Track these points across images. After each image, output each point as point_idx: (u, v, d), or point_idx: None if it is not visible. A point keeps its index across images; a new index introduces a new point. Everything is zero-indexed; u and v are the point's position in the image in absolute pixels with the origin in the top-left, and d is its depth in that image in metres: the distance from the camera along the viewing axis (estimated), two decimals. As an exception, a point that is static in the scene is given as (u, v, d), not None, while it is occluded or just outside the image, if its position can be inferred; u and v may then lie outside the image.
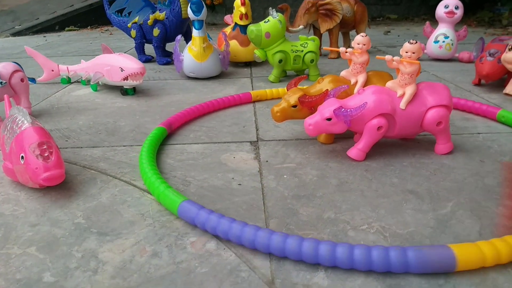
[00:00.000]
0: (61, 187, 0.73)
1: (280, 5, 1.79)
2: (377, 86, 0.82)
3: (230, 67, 1.74)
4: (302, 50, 1.45)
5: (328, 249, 0.51)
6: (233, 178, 0.76)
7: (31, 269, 0.52)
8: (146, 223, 0.62)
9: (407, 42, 0.78)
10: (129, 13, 1.82)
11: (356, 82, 0.91)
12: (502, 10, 3.04)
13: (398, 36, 2.57)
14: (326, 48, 1.00)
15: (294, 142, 0.92)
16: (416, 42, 0.77)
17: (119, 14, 1.88)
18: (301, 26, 1.78)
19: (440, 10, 1.70)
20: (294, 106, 0.87)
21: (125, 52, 2.19)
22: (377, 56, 0.82)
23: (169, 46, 1.90)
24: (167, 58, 1.83)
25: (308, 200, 0.68)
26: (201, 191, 0.71)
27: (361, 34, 0.88)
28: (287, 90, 0.91)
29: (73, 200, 0.69)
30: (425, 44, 1.78)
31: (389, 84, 0.82)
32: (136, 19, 1.81)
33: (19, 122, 0.74)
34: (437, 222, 0.61)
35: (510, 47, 1.12)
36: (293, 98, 0.87)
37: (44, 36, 3.01)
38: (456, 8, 1.68)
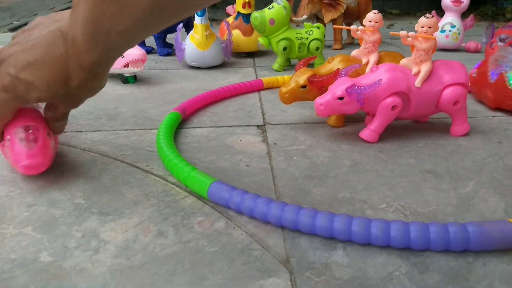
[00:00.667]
0: (59, 169, 0.69)
1: (283, -6, 1.76)
2: (391, 63, 0.78)
3: (232, 57, 1.70)
4: (307, 38, 1.41)
5: (396, 228, 0.47)
6: (240, 160, 0.72)
7: (27, 249, 0.48)
8: (150, 203, 0.58)
9: (423, 17, 0.74)
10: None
11: (368, 62, 0.87)
12: (505, 4, 3.02)
13: (402, 29, 2.53)
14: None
15: (303, 125, 0.89)
16: (433, 17, 0.73)
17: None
18: (304, 16, 1.75)
19: (446, 0, 1.67)
20: (304, 86, 0.83)
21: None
22: (391, 32, 0.79)
23: (169, 38, 1.86)
24: (168, 49, 1.79)
25: (321, 180, 0.64)
26: (208, 172, 0.67)
27: (373, 11, 0.84)
28: (296, 70, 0.88)
29: (72, 181, 0.65)
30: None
31: (404, 61, 0.78)
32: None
33: None
34: (460, 200, 0.57)
35: (523, 30, 1.09)
36: (302, 78, 0.84)
37: (43, 31, 2.98)
38: (463, -4, 1.65)
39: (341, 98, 0.75)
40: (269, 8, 1.38)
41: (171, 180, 0.65)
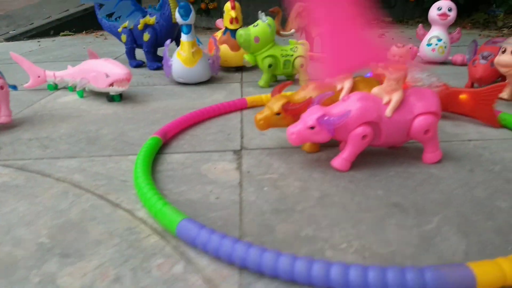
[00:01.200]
0: (31, 202, 0.70)
1: (271, 8, 1.76)
2: (362, 92, 0.79)
3: (220, 72, 1.70)
4: (292, 55, 1.41)
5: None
6: (211, 191, 0.72)
7: (-15, 295, 0.49)
8: (113, 242, 0.59)
9: (394, 46, 0.75)
10: (119, 18, 1.79)
11: (342, 88, 0.88)
12: (497, 11, 3.01)
13: (392, 39, 2.52)
14: (311, 53, 0.97)
15: (279, 150, 0.89)
16: (403, 46, 0.74)
17: (111, 18, 1.86)
18: (292, 30, 1.75)
19: (433, 13, 1.67)
20: (278, 113, 0.84)
21: (117, 57, 2.17)
22: (361, 62, 0.79)
23: (160, 51, 1.87)
24: (158, 63, 1.80)
25: (287, 215, 0.64)
26: (176, 206, 0.68)
27: (348, 39, 0.84)
28: (271, 96, 0.88)
29: (41, 216, 0.66)
30: (418, 47, 1.75)
31: (375, 90, 0.78)
32: (126, 23, 1.78)
33: None
34: (421, 239, 0.58)
35: (503, 49, 1.09)
36: (276, 105, 0.84)
37: (38, 41, 2.99)
38: (449, 10, 1.65)
39: (312, 127, 0.75)
40: (254, 25, 1.38)
41: (139, 215, 0.65)
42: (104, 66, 1.25)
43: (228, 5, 1.62)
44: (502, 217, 0.63)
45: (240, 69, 1.74)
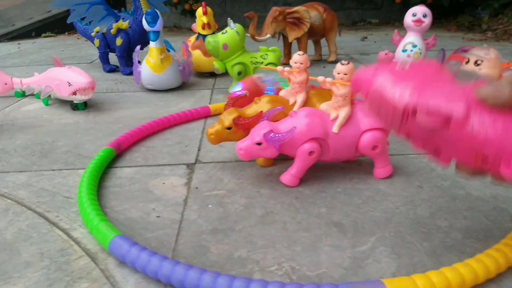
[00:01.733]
0: (-32, 220, 0.68)
1: (246, 13, 1.75)
2: (310, 108, 0.78)
3: (194, 77, 1.70)
4: (262, 62, 1.41)
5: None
6: (153, 209, 0.71)
7: None
8: (42, 264, 0.57)
9: (339, 63, 0.74)
10: (90, 22, 1.77)
11: (295, 102, 0.87)
12: (482, 14, 3.02)
13: (375, 42, 2.53)
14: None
15: (233, 164, 0.88)
16: (348, 63, 0.73)
17: (87, 21, 1.83)
18: (268, 35, 1.75)
19: (408, 19, 1.67)
20: (229, 128, 0.83)
21: (94, 61, 2.15)
22: (310, 77, 0.78)
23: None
24: (131, 68, 1.78)
25: (225, 235, 0.64)
26: (115, 225, 0.67)
27: (298, 52, 0.84)
28: (224, 110, 0.87)
29: (-25, 236, 0.64)
30: (394, 53, 1.75)
31: (323, 106, 0.78)
32: (98, 28, 1.77)
33: None
34: (353, 261, 0.57)
35: (467, 60, 1.08)
36: (227, 119, 0.83)
37: (18, 43, 2.96)
38: (424, 16, 1.64)
39: (259, 143, 0.74)
40: (222, 32, 1.37)
41: (74, 235, 0.64)
42: (67, 75, 1.24)
43: (200, 11, 1.61)
44: (439, 237, 0.62)
45: (213, 73, 1.73)
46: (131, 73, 1.77)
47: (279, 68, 0.86)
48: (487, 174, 0.47)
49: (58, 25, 3.50)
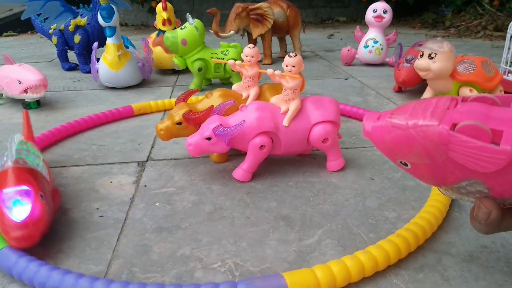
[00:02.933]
0: None
1: (209, 9, 1.73)
2: (260, 102, 0.77)
3: (155, 74, 1.66)
4: (223, 58, 1.39)
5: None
6: (97, 209, 0.68)
7: None
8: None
9: (287, 55, 0.73)
10: (46, 19, 1.71)
11: (248, 96, 0.85)
12: (445, 11, 3.09)
13: (341, 39, 2.55)
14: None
15: (186, 161, 0.86)
16: (296, 55, 0.72)
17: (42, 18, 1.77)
18: (232, 32, 1.73)
19: (369, 15, 1.69)
20: (179, 123, 0.81)
21: (54, 59, 2.08)
22: (259, 70, 0.77)
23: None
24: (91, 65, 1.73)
25: (169, 233, 0.61)
26: (55, 227, 0.63)
27: (249, 46, 0.82)
28: (175, 105, 0.85)
29: None
30: (357, 49, 1.76)
31: (273, 99, 0.76)
32: (55, 25, 1.71)
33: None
34: (298, 255, 0.56)
35: (421, 53, 1.10)
36: (177, 114, 0.81)
37: (-24, 42, 2.84)
38: (385, 12, 1.66)
39: (209, 138, 0.72)
40: (181, 28, 1.34)
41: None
42: (17, 72, 1.19)
43: (159, 6, 1.58)
44: (386, 228, 0.62)
45: (177, 71, 1.70)
46: (90, 71, 1.71)
47: (230, 61, 0.84)
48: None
49: (20, 24, 3.37)
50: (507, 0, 2.62)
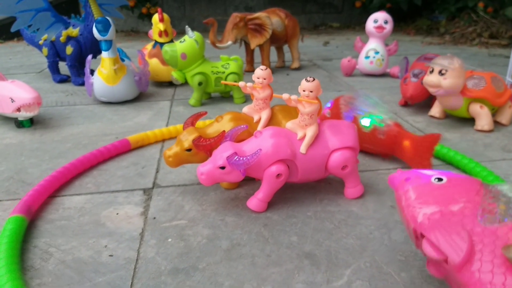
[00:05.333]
0: None
1: (205, 20, 1.69)
2: (275, 127, 0.73)
3: (152, 87, 1.61)
4: (224, 72, 1.34)
5: None
6: (106, 246, 0.64)
7: None
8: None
9: (304, 80, 0.69)
10: (37, 30, 1.65)
11: (260, 120, 0.81)
12: (439, 18, 3.09)
13: (337, 47, 2.52)
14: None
15: (195, 188, 0.82)
16: (314, 80, 0.68)
17: (33, 29, 1.70)
18: (229, 42, 1.69)
19: (369, 25, 1.66)
20: (189, 149, 0.76)
21: (44, 69, 2.01)
22: (273, 95, 0.73)
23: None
24: (83, 78, 1.67)
25: (186, 275, 0.57)
26: (61, 269, 0.59)
27: (261, 67, 0.78)
28: (183, 129, 0.80)
29: None
30: (357, 59, 1.73)
31: (289, 125, 0.72)
32: (46, 36, 1.64)
33: None
34: (329, 301, 0.52)
35: (431, 69, 1.07)
36: (187, 140, 0.76)
37: (-40, 50, 2.74)
38: (385, 22, 1.64)
39: (222, 167, 0.68)
40: (180, 41, 1.30)
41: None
42: (9, 90, 1.13)
43: (156, 17, 1.53)
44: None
45: (174, 83, 1.65)
46: (83, 84, 1.65)
47: (241, 83, 0.80)
48: None
49: (5, 31, 3.28)
50: (501, 7, 2.63)
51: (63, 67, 1.81)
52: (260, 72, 0.78)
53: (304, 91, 0.69)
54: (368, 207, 0.74)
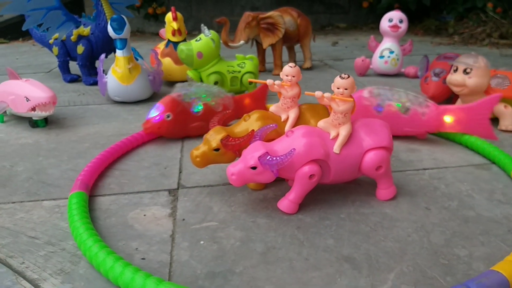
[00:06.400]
0: None
1: (218, 18, 1.67)
2: (307, 126, 0.71)
3: (164, 87, 1.59)
4: (240, 71, 1.33)
5: None
6: (136, 249, 0.62)
7: None
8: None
9: (338, 77, 0.67)
10: (48, 29, 1.62)
11: (287, 118, 0.79)
12: (447, 18, 3.07)
13: (346, 47, 2.51)
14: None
15: (221, 188, 0.80)
16: (349, 77, 0.66)
17: (44, 28, 1.68)
18: (242, 41, 1.67)
19: (384, 24, 1.64)
20: (217, 149, 0.74)
21: (53, 69, 1.99)
22: (306, 92, 0.71)
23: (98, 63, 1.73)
24: (94, 77, 1.65)
25: (224, 280, 0.55)
26: (92, 273, 0.57)
27: (290, 64, 0.76)
28: (210, 128, 0.78)
29: None
30: (371, 59, 1.72)
31: (321, 124, 0.70)
32: (57, 35, 1.62)
33: None
34: (376, 307, 0.50)
35: (455, 68, 1.05)
36: (215, 140, 0.74)
37: (-34, 50, 2.72)
38: (401, 21, 1.62)
39: (254, 167, 0.66)
40: (196, 40, 1.28)
41: (42, 287, 0.54)
42: (24, 89, 1.10)
43: (169, 16, 1.51)
44: (462, 269, 0.56)
45: (185, 82, 1.63)
46: (94, 83, 1.63)
47: (269, 81, 0.78)
48: None
49: (11, 30, 3.26)
50: (510, 7, 2.61)
51: (72, 67, 1.78)
52: (289, 69, 0.76)
53: (338, 88, 0.67)
54: (402, 208, 0.72)
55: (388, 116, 0.93)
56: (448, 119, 0.94)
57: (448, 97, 1.21)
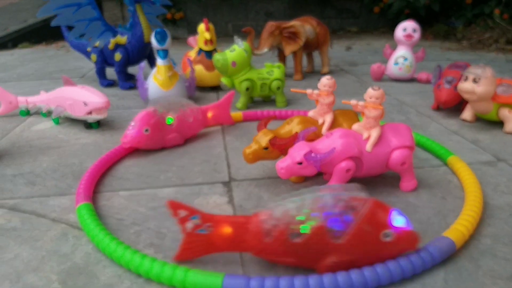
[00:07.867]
0: (32, 246, 0.71)
1: (244, 28, 1.81)
2: (343, 129, 0.85)
3: (197, 92, 1.73)
4: (269, 78, 1.47)
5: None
6: (208, 228, 0.76)
7: None
8: (124, 286, 0.61)
9: (370, 88, 0.81)
10: (89, 39, 1.77)
11: (324, 122, 0.94)
12: (456, 24, 3.19)
13: (359, 52, 2.64)
14: (293, 89, 1.01)
15: (266, 181, 0.94)
16: (379, 89, 0.81)
17: (87, 38, 1.82)
18: (265, 49, 1.81)
19: (398, 33, 1.78)
20: (266, 148, 0.89)
21: (85, 74, 2.15)
22: (343, 101, 0.85)
23: (131, 69, 1.87)
24: (130, 82, 1.80)
25: (283, 251, 0.69)
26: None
27: (327, 77, 0.91)
28: (257, 131, 0.93)
29: (46, 261, 0.67)
30: (386, 65, 1.85)
31: (355, 127, 0.85)
32: (98, 43, 1.77)
33: None
34: (407, 270, 0.64)
35: (465, 77, 1.19)
36: (264, 140, 0.89)
37: (-3, 55, 2.88)
38: (414, 31, 1.76)
39: (300, 163, 0.80)
40: (230, 50, 1.42)
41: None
42: (82, 95, 1.25)
43: (202, 27, 1.65)
44: (473, 244, 0.70)
45: (215, 88, 1.78)
46: (130, 88, 1.78)
47: (309, 91, 0.92)
48: None
49: (34, 34, 3.43)
50: (516, 14, 2.74)
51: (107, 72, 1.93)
52: (326, 81, 0.90)
53: (370, 98, 0.81)
54: (422, 198, 0.86)
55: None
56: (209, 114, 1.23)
57: (459, 102, 1.35)
